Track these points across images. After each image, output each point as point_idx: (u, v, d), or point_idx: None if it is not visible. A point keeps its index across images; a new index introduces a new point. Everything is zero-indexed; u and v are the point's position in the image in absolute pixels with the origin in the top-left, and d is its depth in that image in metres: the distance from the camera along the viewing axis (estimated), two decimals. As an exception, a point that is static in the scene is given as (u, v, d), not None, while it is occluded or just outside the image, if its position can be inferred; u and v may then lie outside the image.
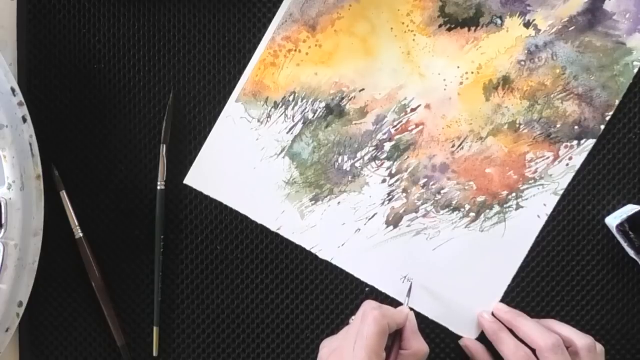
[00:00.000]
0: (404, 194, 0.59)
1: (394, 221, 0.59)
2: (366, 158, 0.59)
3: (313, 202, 0.59)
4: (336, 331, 0.59)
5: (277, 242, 0.60)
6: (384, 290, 0.59)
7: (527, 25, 0.58)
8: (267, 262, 0.60)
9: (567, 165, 0.59)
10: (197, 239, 0.60)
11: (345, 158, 0.59)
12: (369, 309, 0.53)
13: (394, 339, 0.55)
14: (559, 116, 0.59)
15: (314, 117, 0.59)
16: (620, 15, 0.58)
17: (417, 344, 0.54)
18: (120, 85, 0.59)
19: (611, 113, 0.58)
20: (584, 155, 0.58)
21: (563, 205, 0.59)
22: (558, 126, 0.59)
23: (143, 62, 0.59)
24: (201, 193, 0.60)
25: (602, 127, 0.58)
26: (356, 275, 0.59)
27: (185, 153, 0.60)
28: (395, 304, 0.59)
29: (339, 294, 0.60)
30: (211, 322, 0.60)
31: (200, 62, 0.59)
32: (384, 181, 0.59)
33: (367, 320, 0.52)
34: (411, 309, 0.57)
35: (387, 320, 0.52)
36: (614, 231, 0.57)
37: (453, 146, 0.59)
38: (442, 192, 0.59)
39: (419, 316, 0.58)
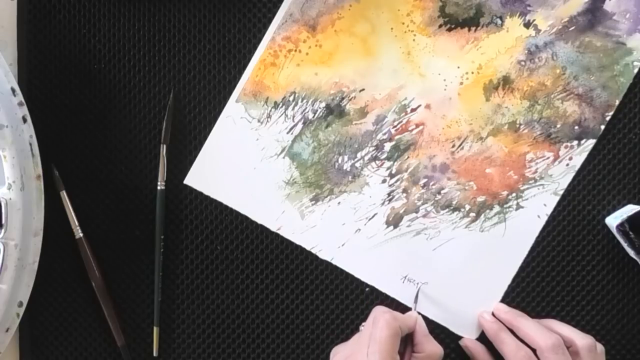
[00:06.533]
0: (404, 194, 0.59)
1: (394, 221, 0.59)
2: (366, 158, 0.59)
3: (313, 202, 0.59)
4: (339, 333, 0.59)
5: (277, 242, 0.60)
6: (384, 290, 0.59)
7: (527, 25, 0.58)
8: (267, 262, 0.60)
9: (567, 165, 0.59)
10: (197, 239, 0.60)
11: (345, 158, 0.59)
12: (380, 313, 0.53)
13: (406, 343, 0.54)
14: (559, 116, 0.59)
15: (314, 117, 0.59)
16: (620, 15, 0.58)
17: (430, 346, 0.54)
18: (120, 85, 0.59)
19: (611, 113, 0.58)
20: (584, 155, 0.58)
21: (563, 205, 0.59)
22: (558, 126, 0.59)
23: (143, 62, 0.59)
24: (201, 193, 0.60)
25: (602, 127, 0.58)
26: (356, 275, 0.59)
27: (185, 153, 0.60)
28: (395, 303, 0.59)
29: (339, 294, 0.60)
30: (211, 322, 0.60)
31: (200, 62, 0.59)
32: (384, 181, 0.59)
33: (379, 324, 0.52)
34: (419, 313, 0.57)
35: (399, 323, 0.52)
36: (614, 231, 0.57)
37: (453, 146, 0.59)
38: (442, 192, 0.59)
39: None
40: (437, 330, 0.59)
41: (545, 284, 0.59)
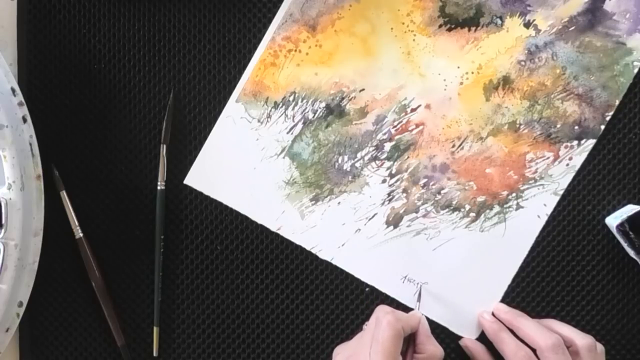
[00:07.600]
0: (404, 194, 0.59)
1: (394, 221, 0.59)
2: (366, 158, 0.59)
3: (313, 202, 0.59)
4: (339, 333, 0.59)
5: (277, 242, 0.60)
6: (384, 290, 0.59)
7: (527, 25, 0.58)
8: (267, 262, 0.60)
9: (567, 165, 0.59)
10: (197, 239, 0.60)
11: (345, 158, 0.59)
12: (382, 314, 0.53)
13: (408, 343, 0.54)
14: (559, 116, 0.59)
15: (314, 117, 0.59)
16: (620, 15, 0.58)
17: (431, 347, 0.54)
18: (120, 85, 0.59)
19: (611, 113, 0.58)
20: (584, 155, 0.58)
21: (563, 205, 0.59)
22: (558, 126, 0.59)
23: (143, 62, 0.59)
24: (201, 193, 0.60)
25: (602, 127, 0.58)
26: (356, 275, 0.59)
27: (185, 153, 0.60)
28: (395, 303, 0.59)
29: (339, 294, 0.60)
30: (211, 322, 0.60)
31: (200, 62, 0.59)
32: (384, 181, 0.59)
33: (382, 324, 0.52)
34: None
35: (401, 324, 0.52)
36: (614, 231, 0.57)
37: (453, 146, 0.59)
38: (442, 192, 0.59)
39: (419, 316, 0.58)
40: (437, 330, 0.59)
41: (545, 284, 0.59)
